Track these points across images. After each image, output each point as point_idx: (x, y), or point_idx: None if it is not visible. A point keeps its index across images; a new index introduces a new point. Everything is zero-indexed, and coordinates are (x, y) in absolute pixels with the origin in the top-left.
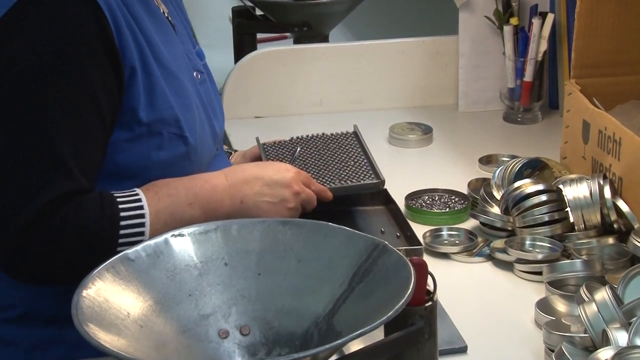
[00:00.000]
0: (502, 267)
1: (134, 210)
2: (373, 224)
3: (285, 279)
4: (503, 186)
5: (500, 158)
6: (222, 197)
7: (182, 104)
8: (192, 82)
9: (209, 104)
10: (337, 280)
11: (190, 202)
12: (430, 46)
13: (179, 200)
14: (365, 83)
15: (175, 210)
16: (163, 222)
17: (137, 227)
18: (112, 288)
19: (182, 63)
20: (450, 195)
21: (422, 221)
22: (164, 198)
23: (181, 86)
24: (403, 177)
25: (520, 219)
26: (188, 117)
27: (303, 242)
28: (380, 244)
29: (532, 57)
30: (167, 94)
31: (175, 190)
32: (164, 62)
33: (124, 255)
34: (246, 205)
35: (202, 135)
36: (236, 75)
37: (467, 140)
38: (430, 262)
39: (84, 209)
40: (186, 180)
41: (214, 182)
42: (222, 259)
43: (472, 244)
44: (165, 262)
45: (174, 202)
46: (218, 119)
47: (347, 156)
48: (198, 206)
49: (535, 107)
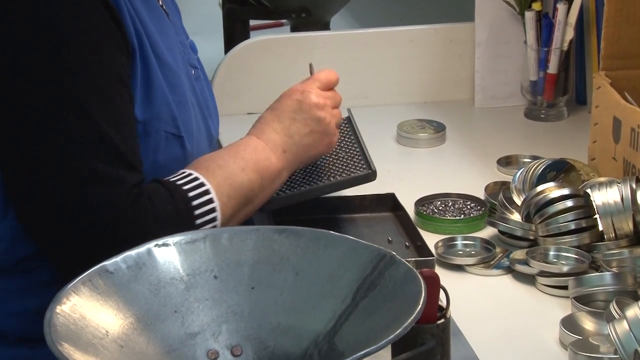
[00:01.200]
0: (523, 280)
1: (198, 188)
2: (379, 232)
3: (281, 294)
4: (524, 190)
5: (521, 159)
6: (267, 154)
7: (179, 100)
8: (188, 77)
9: (204, 102)
10: (339, 295)
11: (242, 167)
12: (443, 34)
13: (231, 168)
14: (371, 76)
15: (232, 180)
16: (226, 194)
17: (208, 204)
18: (89, 304)
19: (178, 56)
20: (465, 200)
21: (434, 229)
22: (216, 171)
23: (177, 81)
24: (413, 180)
25: (544, 227)
26: (184, 115)
27: (301, 253)
28: (387, 255)
29: (557, 46)
30: (164, 88)
31: (223, 161)
32: (159, 54)
33: (102, 267)
34: (291, 152)
35: (198, 136)
36: (226, 67)
37: (484, 140)
38: (442, 275)
39: (156, 198)
40: (225, 150)
41: (250, 144)
42: (211, 271)
43: (489, 254)
44: (148, 274)
45: (227, 172)
46: (213, 120)
47: (339, 145)
48: (251, 170)
49: (560, 103)
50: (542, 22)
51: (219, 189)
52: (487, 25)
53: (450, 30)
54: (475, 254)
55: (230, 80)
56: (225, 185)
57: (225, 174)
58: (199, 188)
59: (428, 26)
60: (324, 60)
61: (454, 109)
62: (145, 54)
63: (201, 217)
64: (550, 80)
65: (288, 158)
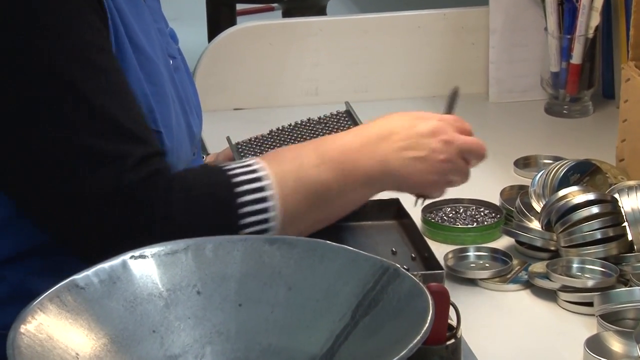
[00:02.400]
0: (543, 296)
1: (250, 174)
2: (382, 242)
3: (272, 311)
4: (544, 195)
5: (541, 160)
6: (357, 156)
7: (156, 92)
8: (167, 68)
9: (185, 96)
10: (337, 313)
11: (316, 163)
12: (454, 20)
13: (302, 162)
14: (372, 67)
15: (300, 174)
16: (290, 186)
17: (259, 191)
18: (57, 322)
19: (156, 43)
20: (479, 206)
21: (443, 239)
22: (284, 161)
23: (156, 72)
24: None
25: (566, 236)
26: (163, 109)
27: (295, 265)
28: (390, 268)
29: (581, 33)
30: (140, 77)
31: (295, 153)
32: (135, 39)
33: (71, 281)
34: (390, 165)
35: (179, 132)
36: (210, 57)
37: (500, 139)
38: (452, 290)
39: (185, 179)
40: (307, 143)
41: (342, 140)
42: (193, 286)
43: (505, 267)
44: (123, 290)
45: (297, 165)
46: (194, 116)
47: None
48: (328, 168)
49: (584, 97)
50: (564, 7)
51: (282, 177)
52: (503, 10)
53: (461, 16)
54: (489, 266)
55: (215, 71)
56: (291, 177)
57: (294, 166)
58: (250, 174)
59: (436, 11)
60: (320, 50)
61: (466, 104)
62: (120, 38)
63: (248, 206)
64: (573, 71)
65: (386, 171)
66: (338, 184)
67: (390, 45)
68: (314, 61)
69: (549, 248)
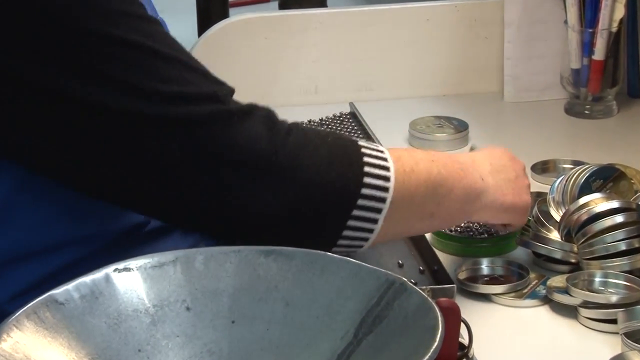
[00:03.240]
0: (562, 312)
1: (379, 160)
2: (387, 254)
3: (268, 329)
4: (564, 203)
5: (561, 165)
6: (465, 167)
7: None
8: None
9: None
10: (338, 331)
11: (432, 158)
12: (466, 12)
13: (419, 153)
14: (377, 63)
15: (417, 160)
16: (410, 167)
17: (381, 159)
18: (35, 341)
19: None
20: None
21: (454, 250)
22: (399, 151)
23: None
24: None
25: (588, 247)
26: None
27: (293, 279)
28: (396, 282)
29: (605, 27)
30: None
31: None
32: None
33: (49, 296)
34: (487, 183)
35: None
36: (200, 52)
37: (516, 141)
38: (464, 306)
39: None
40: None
41: (458, 159)
42: (182, 301)
43: (521, 281)
44: (106, 306)
45: (411, 155)
46: None
47: None
48: (441, 165)
49: (608, 96)
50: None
51: (400, 160)
52: (520, 2)
53: (474, 8)
54: (504, 280)
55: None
56: (409, 163)
57: (409, 155)
58: (379, 160)
59: (447, 2)
60: (320, 44)
61: (479, 104)
62: None
63: (371, 167)
64: (596, 68)
65: (486, 187)
66: (451, 181)
67: (396, 39)
68: (314, 57)
69: (569, 260)
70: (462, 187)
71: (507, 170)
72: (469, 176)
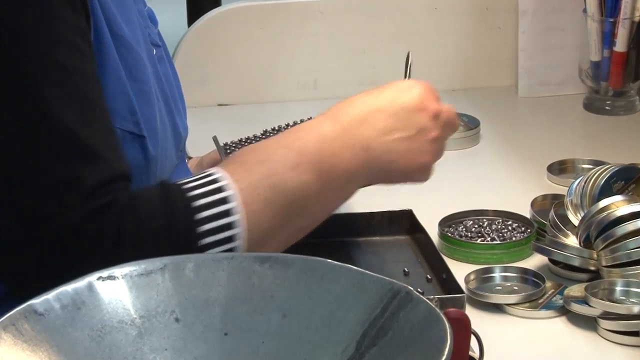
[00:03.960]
0: (581, 324)
1: (213, 195)
2: (392, 261)
3: (263, 342)
4: (583, 207)
5: (579, 165)
6: (336, 148)
7: (140, 89)
8: (151, 59)
9: (170, 92)
10: (339, 343)
11: (294, 163)
12: (477, 0)
13: (277, 164)
14: (381, 55)
15: (276, 180)
16: (262, 199)
17: (223, 217)
18: (13, 354)
19: (138, 31)
20: (506, 219)
21: (464, 257)
22: (253, 167)
23: (139, 64)
24: (436, 193)
25: (608, 254)
26: (146, 109)
27: (290, 288)
28: (402, 291)
29: (626, 16)
30: (122, 73)
31: (267, 154)
32: (115, 28)
33: (29, 307)
34: (374, 152)
35: (164, 136)
36: (190, 43)
37: (531, 139)
38: (475, 317)
39: (141, 205)
40: (277, 138)
41: (319, 129)
42: (171, 312)
43: (537, 291)
44: (89, 317)
45: (270, 170)
46: (181, 115)
47: None
48: (307, 168)
49: (630, 90)
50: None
51: (252, 191)
52: None
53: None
54: (518, 289)
55: (196, 61)
56: (264, 186)
57: (267, 171)
58: (213, 194)
59: None
60: (320, 35)
61: (491, 99)
62: (99, 29)
63: (210, 236)
64: (617, 60)
65: (368, 160)
66: (319, 185)
67: (402, 29)
68: (313, 49)
69: (588, 268)
70: (336, 177)
71: (407, 125)
72: (345, 156)
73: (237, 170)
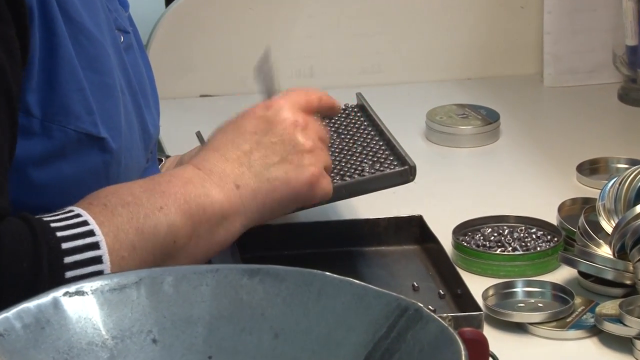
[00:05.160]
0: (615, 345)
1: (81, 239)
2: (400, 274)
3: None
4: (617, 212)
5: (613, 165)
6: (205, 189)
7: (100, 83)
8: (115, 48)
9: (139, 84)
10: None
11: (159, 205)
12: None
13: (143, 207)
14: (387, 40)
15: (142, 223)
16: (129, 244)
17: (92, 263)
18: None
19: (100, 15)
20: (529, 226)
21: (482, 270)
22: (117, 209)
23: (100, 55)
24: (450, 196)
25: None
26: (108, 106)
27: (283, 305)
28: (410, 308)
29: None
30: (76, 66)
31: (132, 197)
32: (71, 12)
33: None
34: (250, 188)
35: (129, 136)
36: (168, 26)
37: (558, 135)
38: (493, 338)
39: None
40: (140, 182)
41: (182, 174)
42: (148, 332)
43: (565, 308)
44: (54, 337)
45: (136, 211)
46: (152, 111)
47: (352, 141)
48: (174, 210)
49: None
50: None
51: (117, 235)
52: None
53: None
54: (543, 306)
55: (174, 46)
56: (129, 230)
57: (132, 213)
58: (82, 238)
59: None
60: (316, 16)
61: (513, 90)
62: (49, 14)
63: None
64: None
65: (244, 196)
66: (192, 227)
67: (409, 10)
68: (309, 32)
69: (623, 282)
70: (208, 219)
71: (268, 156)
72: (216, 197)
73: (100, 213)
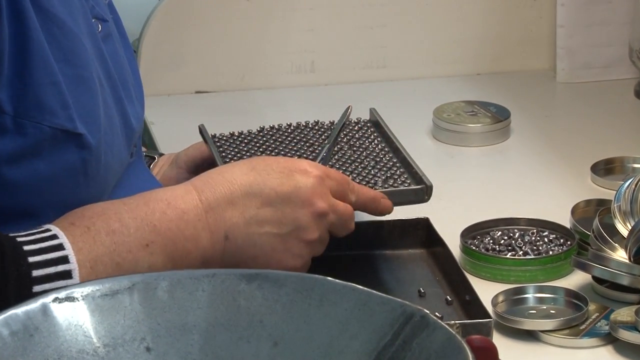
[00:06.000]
0: (630, 354)
1: (53, 266)
2: (406, 279)
3: None
4: (633, 214)
5: (629, 164)
6: (196, 233)
7: (75, 76)
8: (92, 38)
9: (119, 75)
10: None
11: (147, 241)
12: None
13: (129, 239)
14: (393, 33)
15: (123, 258)
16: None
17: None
18: None
19: (75, 5)
20: (541, 229)
21: (491, 275)
22: (101, 237)
23: (74, 46)
24: (458, 198)
25: None
26: (85, 100)
27: (282, 312)
28: (416, 314)
29: None
30: (49, 58)
31: (119, 224)
32: (43, 3)
33: None
34: (234, 243)
35: (109, 131)
36: (162, 18)
37: (572, 134)
38: (503, 346)
39: None
40: (134, 203)
41: (181, 204)
42: (141, 340)
43: (578, 315)
44: (43, 344)
45: (120, 244)
46: (134, 103)
47: (364, 154)
48: (159, 250)
49: None
50: None
51: (94, 267)
52: None
53: None
54: (555, 313)
55: (168, 40)
56: (108, 264)
57: (116, 245)
58: (54, 266)
59: None
60: (317, 8)
61: (524, 85)
62: (18, 4)
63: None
64: None
65: (227, 249)
66: (170, 268)
67: (417, 3)
68: (309, 25)
69: (639, 287)
70: (188, 264)
71: (282, 219)
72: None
73: (80, 238)
